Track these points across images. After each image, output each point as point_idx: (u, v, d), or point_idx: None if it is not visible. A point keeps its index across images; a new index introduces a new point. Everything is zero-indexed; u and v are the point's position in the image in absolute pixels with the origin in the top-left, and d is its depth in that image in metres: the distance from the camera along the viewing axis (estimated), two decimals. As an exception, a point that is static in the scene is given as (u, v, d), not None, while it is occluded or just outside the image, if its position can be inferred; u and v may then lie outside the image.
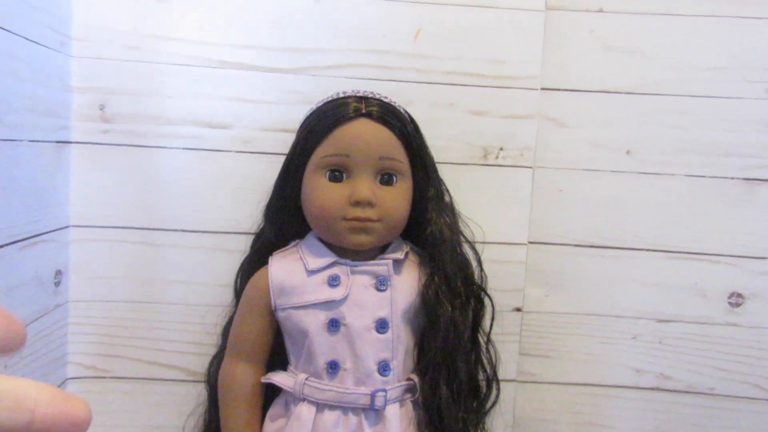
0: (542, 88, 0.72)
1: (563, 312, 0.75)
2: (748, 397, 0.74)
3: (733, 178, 0.73)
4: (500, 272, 0.73)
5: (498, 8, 0.72)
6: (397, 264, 0.59)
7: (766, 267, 0.73)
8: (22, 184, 0.60)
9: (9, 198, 0.58)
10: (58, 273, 0.68)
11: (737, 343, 0.74)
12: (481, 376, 0.64)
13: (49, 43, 0.63)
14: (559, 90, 0.73)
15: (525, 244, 0.74)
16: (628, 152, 0.73)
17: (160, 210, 0.70)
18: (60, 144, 0.67)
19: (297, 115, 0.62)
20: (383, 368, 0.56)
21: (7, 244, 0.57)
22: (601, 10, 0.72)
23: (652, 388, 0.75)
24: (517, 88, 0.72)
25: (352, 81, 0.70)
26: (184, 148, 0.70)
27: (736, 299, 0.73)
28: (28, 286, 0.62)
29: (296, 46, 0.70)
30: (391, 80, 0.71)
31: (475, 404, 0.62)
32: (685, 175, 0.73)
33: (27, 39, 0.59)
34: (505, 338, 0.73)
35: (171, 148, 0.70)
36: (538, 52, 0.72)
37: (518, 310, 0.74)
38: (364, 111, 0.57)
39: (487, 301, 0.64)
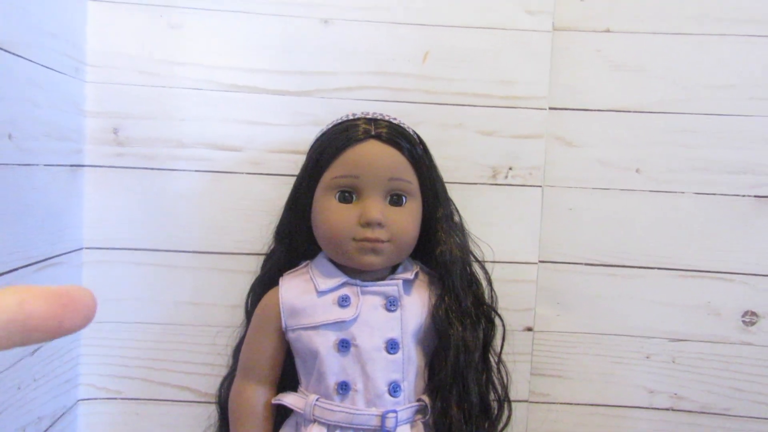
0: (550, 108, 0.73)
1: (575, 331, 0.74)
2: (764, 418, 0.73)
3: (743, 196, 0.72)
4: (511, 292, 0.73)
5: (505, 29, 0.72)
6: (407, 284, 0.60)
7: (780, 285, 0.72)
8: (38, 207, 0.61)
9: (26, 221, 0.59)
10: (72, 295, 0.68)
11: (752, 363, 0.73)
12: (492, 396, 0.64)
13: (64, 69, 0.65)
14: (567, 109, 0.73)
15: (535, 263, 0.74)
16: (637, 170, 0.73)
17: (172, 232, 0.71)
18: (74, 167, 0.68)
19: (307, 137, 0.63)
20: (394, 389, 0.56)
21: (22, 267, 0.58)
22: (608, 30, 0.73)
23: (666, 409, 0.74)
24: (525, 108, 0.73)
25: (361, 103, 0.71)
26: (196, 171, 0.71)
27: (750, 318, 0.72)
28: (43, 308, 0.62)
29: (306, 69, 0.71)
30: (400, 102, 0.72)
31: (486, 425, 0.61)
32: (695, 193, 0.73)
33: (43, 66, 0.61)
34: (517, 358, 0.73)
35: (183, 170, 0.71)
36: (545, 72, 0.73)
37: (529, 329, 0.74)
38: (373, 133, 0.57)
39: (497, 320, 0.64)
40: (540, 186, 0.73)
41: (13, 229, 0.56)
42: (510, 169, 0.73)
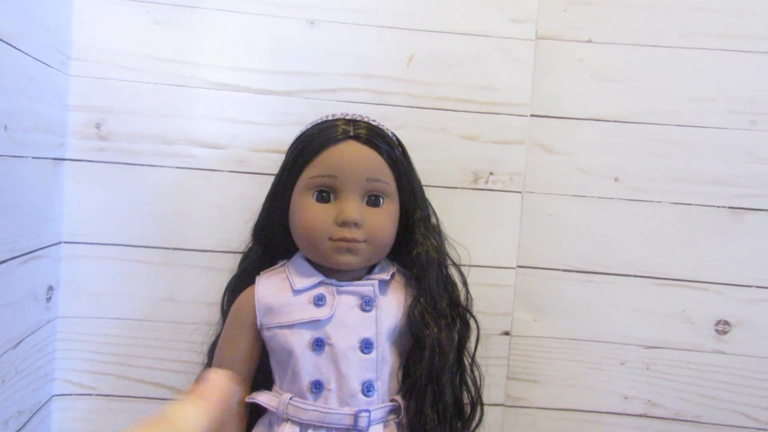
0: (532, 115, 0.74)
1: (551, 336, 0.75)
2: (735, 426, 0.74)
3: (719, 207, 0.73)
4: (489, 296, 0.73)
5: (490, 37, 0.73)
6: (383, 285, 0.60)
7: (752, 295, 0.73)
8: (26, 199, 0.61)
9: (14, 213, 0.59)
10: (50, 289, 0.68)
11: (724, 371, 0.74)
12: (466, 398, 0.64)
13: (52, 62, 0.65)
14: (548, 117, 0.74)
15: (514, 268, 0.74)
16: (615, 179, 0.74)
17: (151, 228, 0.71)
18: (56, 161, 0.68)
19: (290, 137, 0.63)
20: (367, 389, 0.56)
21: (10, 260, 0.58)
22: (590, 41, 0.74)
23: (640, 415, 0.75)
24: (507, 114, 0.73)
25: (345, 104, 0.72)
26: (177, 167, 0.71)
27: (722, 327, 0.73)
28: (25, 302, 0.62)
29: (291, 70, 0.72)
30: (384, 105, 0.72)
31: (459, 425, 0.62)
32: (672, 203, 0.74)
33: (35, 58, 0.61)
34: (493, 362, 0.73)
35: (164, 166, 0.71)
36: (528, 80, 0.73)
37: (506, 333, 0.75)
38: (352, 133, 0.58)
39: (472, 322, 0.64)
40: (520, 192, 0.74)
41: (2, 221, 0.56)
42: (491, 174, 0.74)
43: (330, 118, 0.60)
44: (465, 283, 0.66)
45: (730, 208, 0.73)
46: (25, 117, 0.60)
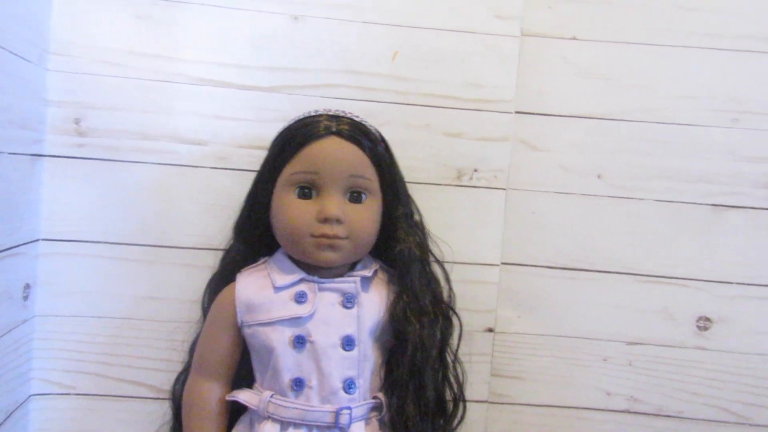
0: (516, 112, 0.74)
1: (535, 333, 0.75)
2: (716, 421, 0.74)
3: (701, 204, 0.74)
4: (473, 293, 0.73)
5: (475, 33, 0.73)
6: (366, 281, 0.60)
7: (733, 291, 0.74)
8: (1, 195, 0.60)
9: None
10: (27, 287, 0.67)
11: (705, 367, 0.74)
12: (448, 394, 0.64)
13: (28, 56, 0.64)
14: (532, 114, 0.74)
15: (497, 265, 0.74)
16: (599, 176, 0.74)
17: (131, 225, 0.70)
18: (34, 157, 0.67)
19: (273, 133, 0.63)
20: (349, 386, 0.56)
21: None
22: (574, 38, 0.74)
23: (623, 411, 0.75)
24: (492, 111, 0.73)
25: (329, 101, 0.71)
26: (158, 164, 0.70)
27: (703, 323, 0.74)
28: (0, 299, 0.61)
29: (274, 65, 0.71)
30: (368, 101, 0.72)
31: (442, 422, 0.62)
32: (655, 200, 0.74)
33: (11, 52, 0.60)
34: (477, 359, 0.73)
35: (145, 162, 0.70)
36: (513, 77, 0.73)
37: (490, 330, 0.75)
38: (334, 129, 0.57)
39: (455, 319, 0.64)
40: (504, 189, 0.74)
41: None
42: (475, 171, 0.74)
43: (313, 114, 0.59)
44: (448, 280, 0.66)
45: (712, 205, 0.74)
46: (1, 112, 0.58)
